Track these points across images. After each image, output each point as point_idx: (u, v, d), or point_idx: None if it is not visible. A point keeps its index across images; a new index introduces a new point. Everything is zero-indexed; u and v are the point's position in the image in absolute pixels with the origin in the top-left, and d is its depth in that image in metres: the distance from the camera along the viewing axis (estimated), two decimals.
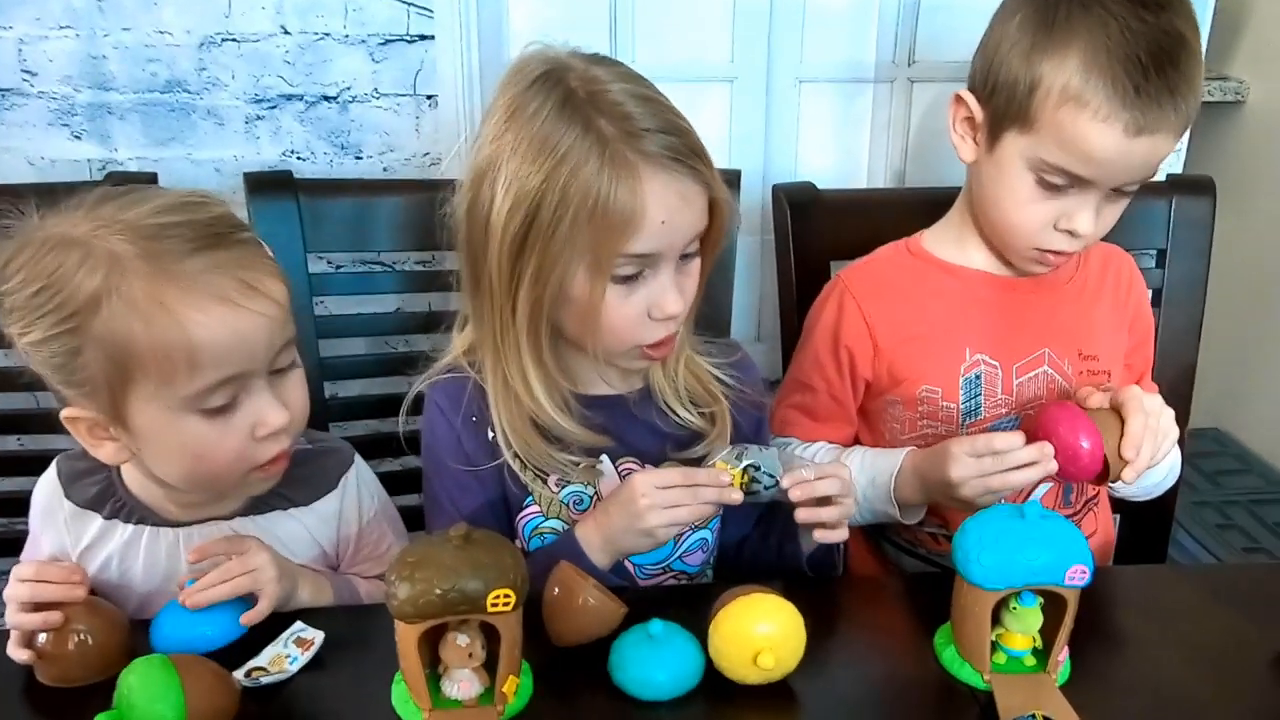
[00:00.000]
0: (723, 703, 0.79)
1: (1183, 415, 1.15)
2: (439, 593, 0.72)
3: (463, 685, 0.77)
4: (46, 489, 0.94)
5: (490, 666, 0.77)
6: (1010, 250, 1.04)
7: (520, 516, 1.01)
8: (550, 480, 0.99)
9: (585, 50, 0.92)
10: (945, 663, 0.83)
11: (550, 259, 0.88)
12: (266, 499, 0.93)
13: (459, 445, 0.98)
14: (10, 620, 0.82)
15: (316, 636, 0.84)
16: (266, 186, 1.22)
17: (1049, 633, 0.80)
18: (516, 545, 1.01)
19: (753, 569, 1.07)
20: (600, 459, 0.99)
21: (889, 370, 1.10)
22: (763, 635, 0.78)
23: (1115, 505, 1.20)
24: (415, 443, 1.03)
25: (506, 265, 0.90)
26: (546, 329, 0.93)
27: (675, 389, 1.01)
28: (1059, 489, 1.09)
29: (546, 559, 0.88)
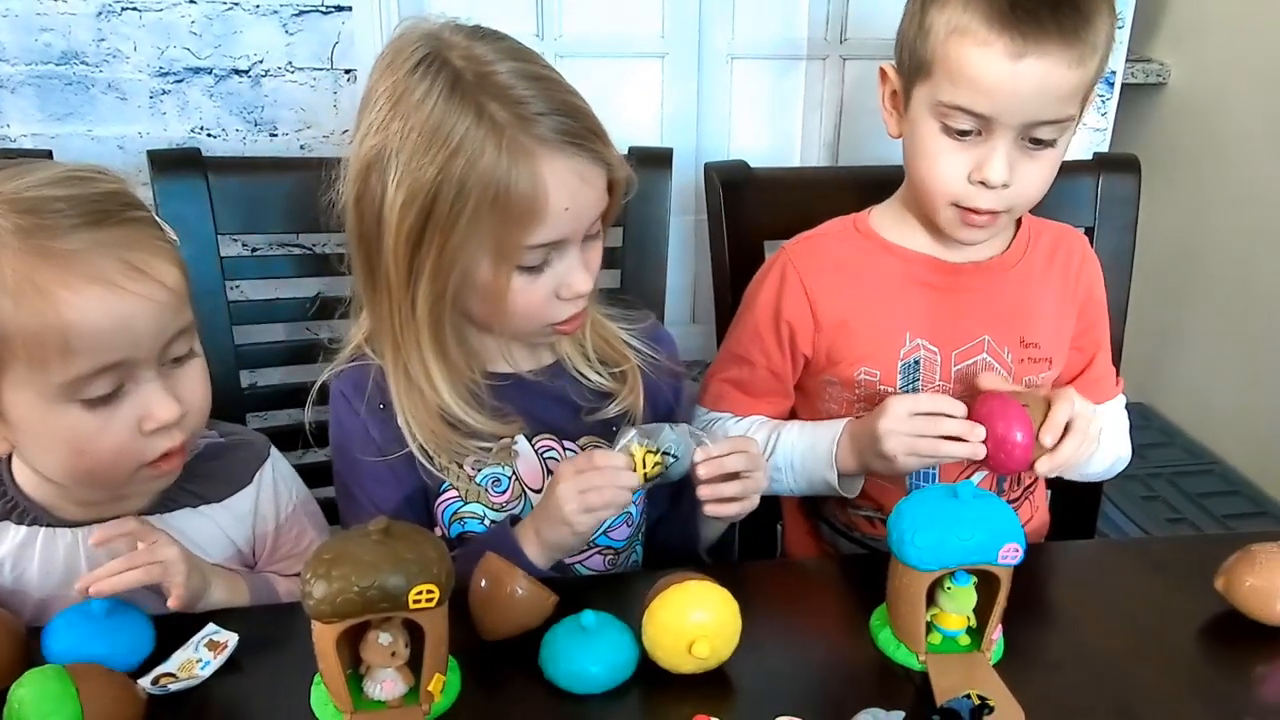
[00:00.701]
0: (658, 693, 0.78)
1: None
2: (358, 590, 0.68)
3: (386, 685, 0.74)
4: None
5: (415, 664, 0.74)
6: (936, 216, 1.02)
7: (438, 502, 0.98)
8: (466, 463, 0.97)
9: (465, 22, 0.89)
10: (881, 644, 0.82)
11: (450, 253, 0.85)
12: (174, 496, 0.88)
13: (368, 435, 0.95)
14: None
15: (230, 639, 0.80)
16: (172, 165, 1.16)
17: (983, 611, 0.80)
18: (437, 533, 0.98)
19: (664, 548, 1.06)
20: (515, 439, 0.97)
21: (828, 350, 1.08)
22: (697, 624, 0.77)
23: (1048, 482, 1.20)
24: (324, 436, 0.99)
25: (403, 260, 0.87)
26: (449, 320, 0.91)
27: (584, 353, 1.00)
28: (994, 476, 1.09)
29: (467, 561, 0.85)
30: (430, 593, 0.70)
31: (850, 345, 1.07)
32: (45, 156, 1.21)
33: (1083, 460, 0.95)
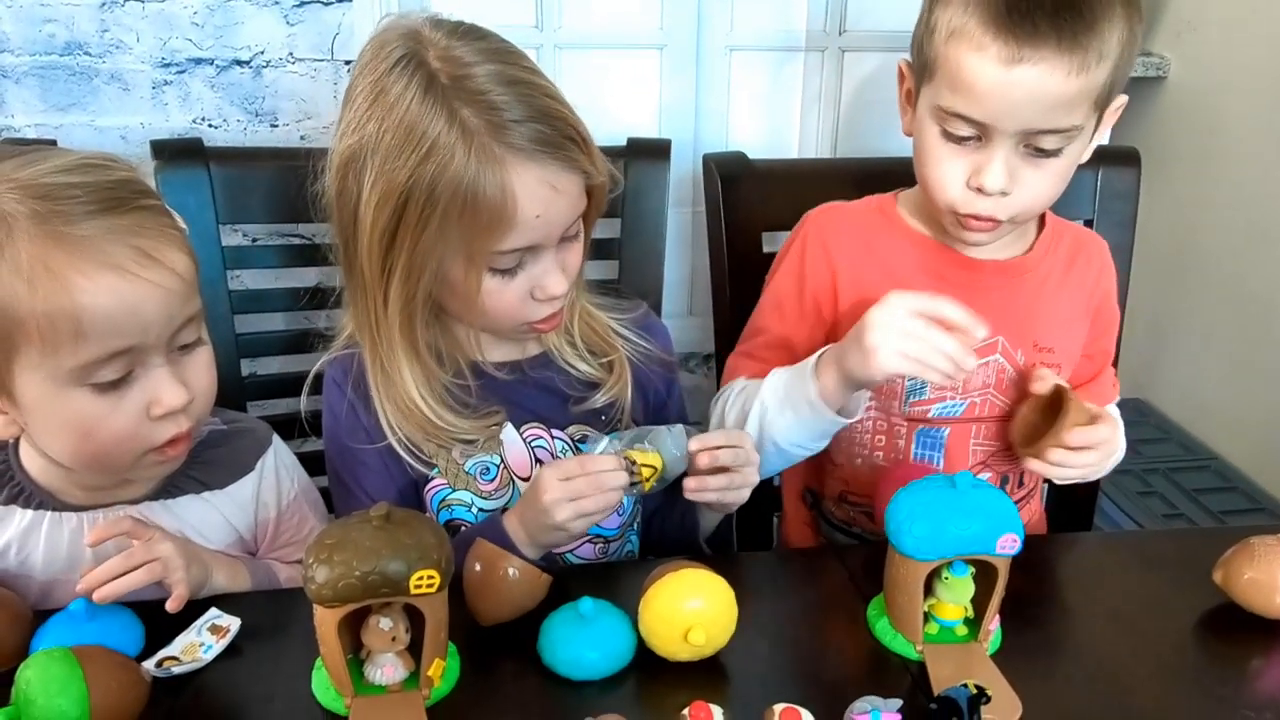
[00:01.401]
0: (654, 680, 0.78)
1: None
2: (359, 575, 0.69)
3: (386, 670, 0.75)
4: None
5: (415, 650, 0.75)
6: (940, 218, 1.02)
7: (427, 489, 0.98)
8: (454, 451, 0.97)
9: (449, 18, 0.89)
10: (878, 634, 0.83)
11: (421, 255, 0.86)
12: (178, 482, 0.89)
13: (358, 422, 0.95)
14: None
15: (232, 623, 0.81)
16: (175, 155, 1.16)
17: (980, 602, 0.80)
18: None
19: (661, 540, 1.06)
20: (502, 426, 0.97)
21: (842, 322, 1.06)
22: (693, 611, 0.77)
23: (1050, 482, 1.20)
24: (317, 424, 1.00)
25: (377, 259, 0.88)
26: (422, 318, 0.91)
27: (572, 343, 1.00)
28: (996, 480, 1.09)
29: (460, 550, 0.85)
30: (431, 578, 0.70)
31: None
32: (49, 145, 1.21)
33: (1077, 478, 0.98)
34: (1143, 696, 0.78)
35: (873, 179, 1.22)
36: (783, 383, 0.97)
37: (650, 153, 1.23)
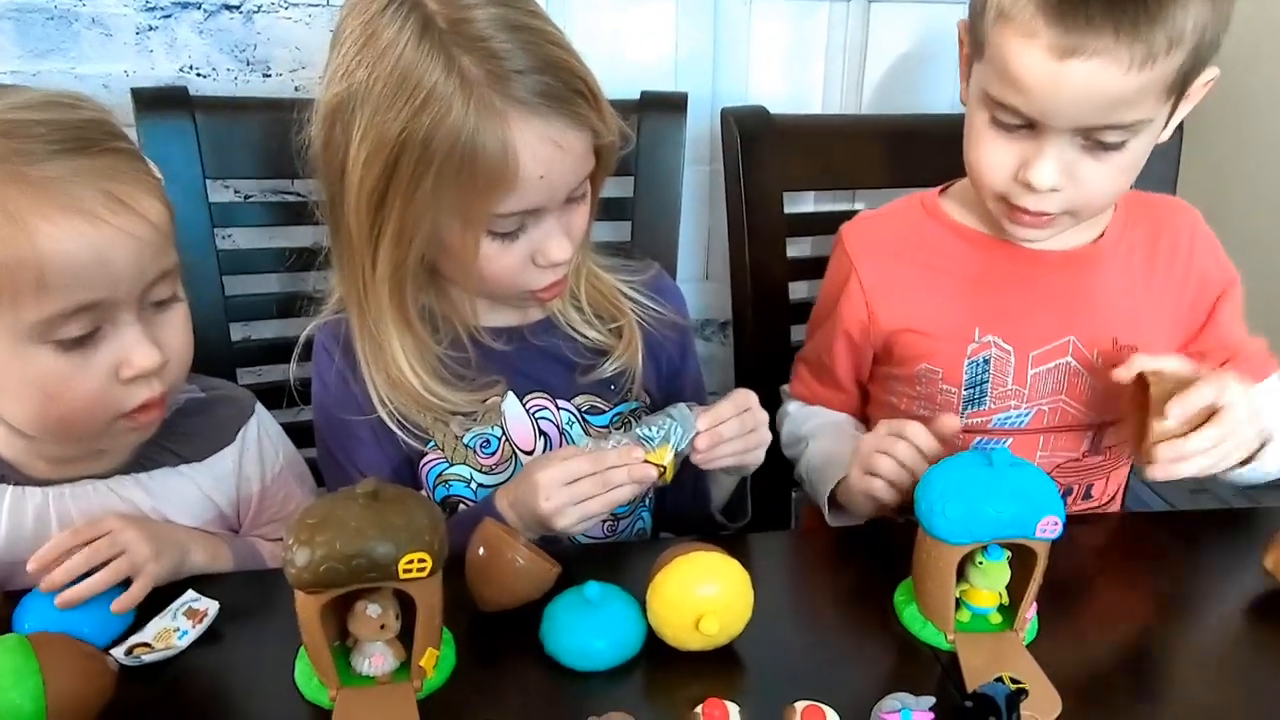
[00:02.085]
0: (664, 672, 0.73)
1: None
2: (343, 559, 0.63)
3: (375, 660, 0.70)
4: None
5: (407, 637, 0.69)
6: (990, 206, 0.92)
7: (422, 464, 0.93)
8: (452, 423, 0.91)
9: None
10: (906, 622, 0.77)
11: (413, 216, 0.80)
12: (152, 454, 0.83)
13: (348, 390, 0.90)
14: None
15: (210, 607, 0.76)
16: (158, 104, 1.10)
17: (1016, 588, 0.75)
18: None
19: (675, 513, 1.02)
20: (504, 397, 0.92)
21: (887, 344, 1.00)
22: (706, 598, 0.72)
23: None
24: (308, 393, 0.95)
25: (365, 219, 0.81)
26: (414, 284, 0.86)
27: (579, 307, 0.94)
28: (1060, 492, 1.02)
29: (462, 528, 0.80)
30: (422, 562, 0.65)
31: (911, 340, 0.98)
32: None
33: (1226, 462, 0.82)
34: (1192, 691, 0.73)
35: (900, 137, 1.16)
36: (815, 471, 0.98)
37: (665, 106, 1.17)
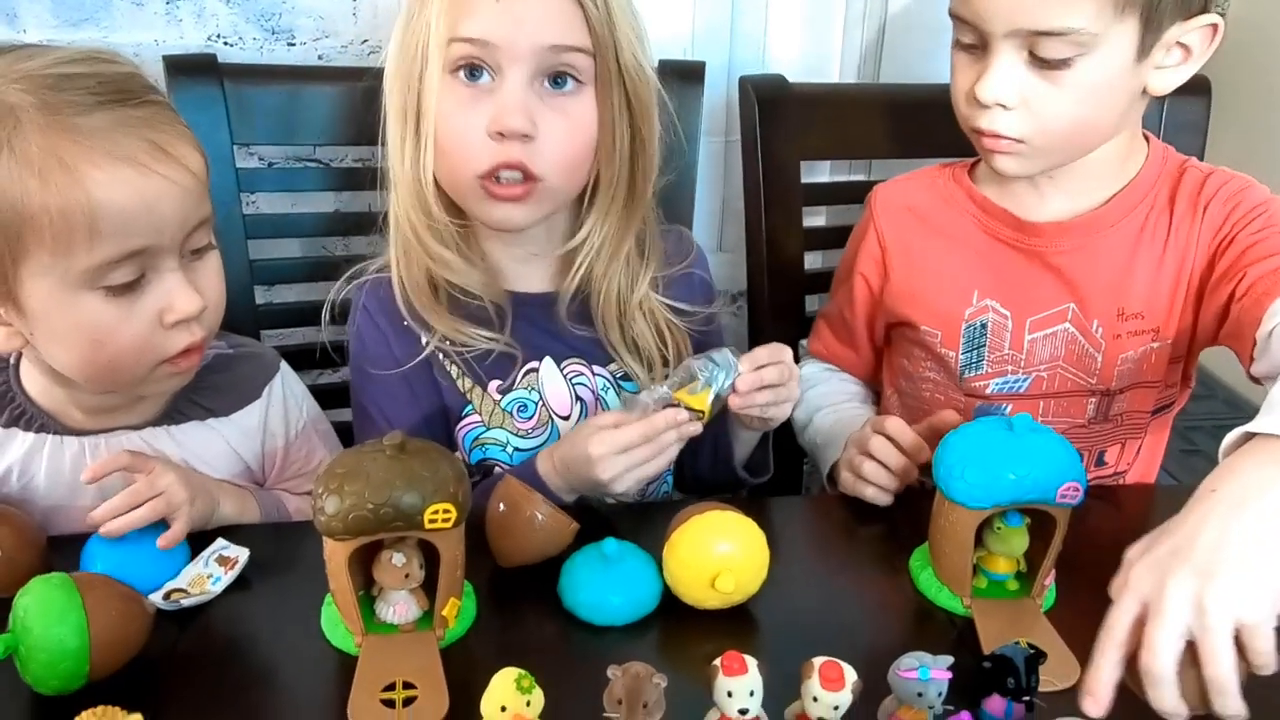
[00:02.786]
0: (680, 628, 0.74)
1: None
2: (371, 507, 0.65)
3: (399, 608, 0.71)
4: None
5: (430, 588, 0.71)
6: (972, 141, 0.93)
7: (460, 427, 0.94)
8: (490, 386, 0.93)
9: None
10: (921, 586, 0.78)
11: (407, 48, 0.85)
12: (182, 408, 0.85)
13: (388, 351, 0.91)
14: None
15: (240, 554, 0.77)
16: (188, 70, 1.11)
17: (1034, 555, 0.75)
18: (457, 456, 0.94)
19: (694, 471, 1.02)
20: (540, 362, 0.93)
21: (896, 302, 1.01)
22: (722, 556, 0.73)
23: None
24: (341, 351, 0.96)
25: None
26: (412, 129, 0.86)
27: (623, 338, 0.95)
28: (1092, 457, 1.02)
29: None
30: (447, 512, 0.66)
31: (916, 299, 1.00)
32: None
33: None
34: None
35: (918, 107, 1.16)
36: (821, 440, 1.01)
37: (683, 75, 1.17)
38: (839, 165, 1.38)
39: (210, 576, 0.76)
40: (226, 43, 1.30)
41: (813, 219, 1.24)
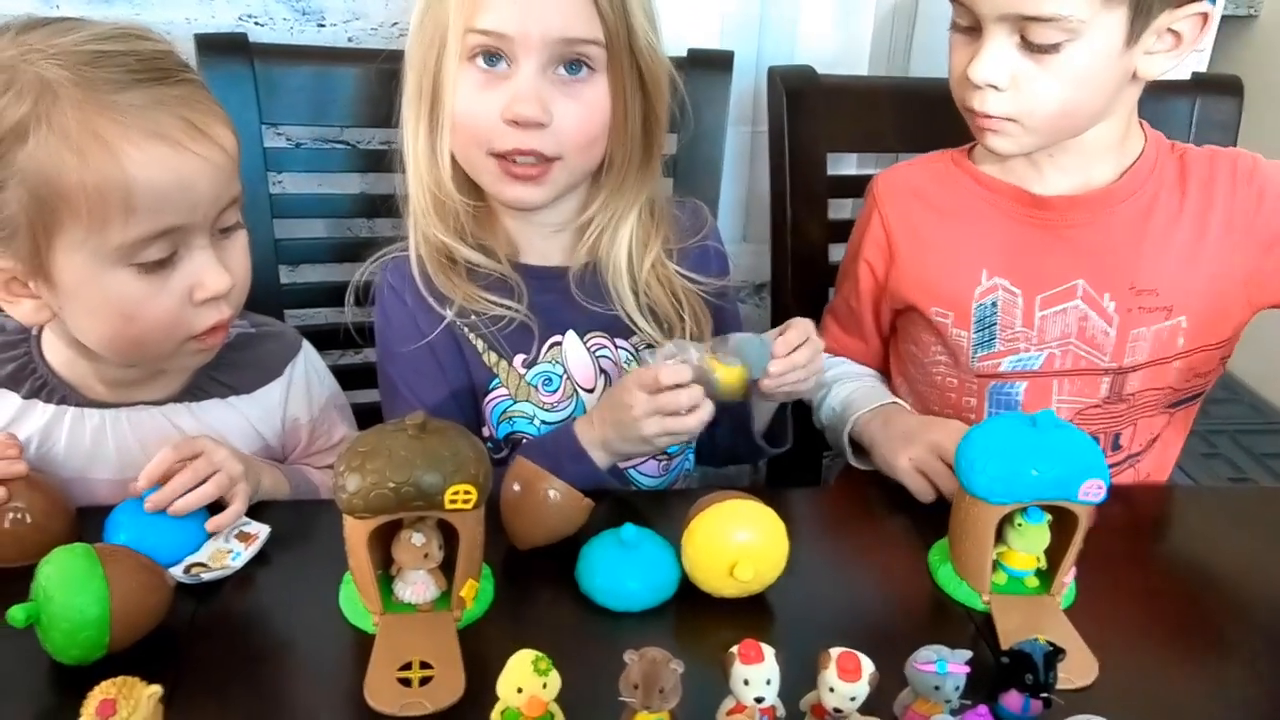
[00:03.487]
0: (697, 616, 0.74)
1: None
2: (392, 486, 0.65)
3: (417, 588, 0.71)
4: None
5: (448, 568, 0.71)
6: (967, 122, 0.95)
7: (487, 401, 0.95)
8: (516, 360, 0.93)
9: None
10: (940, 581, 0.77)
11: (425, 34, 0.86)
12: (204, 385, 0.86)
13: (415, 327, 0.92)
14: None
15: (261, 530, 0.78)
16: (219, 49, 1.12)
17: (1055, 552, 0.75)
18: (485, 433, 0.95)
19: (713, 449, 1.03)
20: (563, 336, 0.94)
21: (904, 286, 1.01)
22: (740, 545, 0.72)
23: None
24: (364, 333, 0.97)
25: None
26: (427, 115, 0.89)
27: (639, 304, 0.95)
28: (1108, 440, 1.02)
29: (542, 452, 0.83)
30: (467, 493, 0.66)
31: (925, 282, 1.00)
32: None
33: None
34: (1228, 663, 0.72)
35: (945, 101, 1.14)
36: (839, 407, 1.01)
37: (711, 64, 1.17)
38: (865, 158, 1.37)
39: (230, 552, 0.76)
40: (258, 22, 1.31)
41: (838, 211, 1.23)
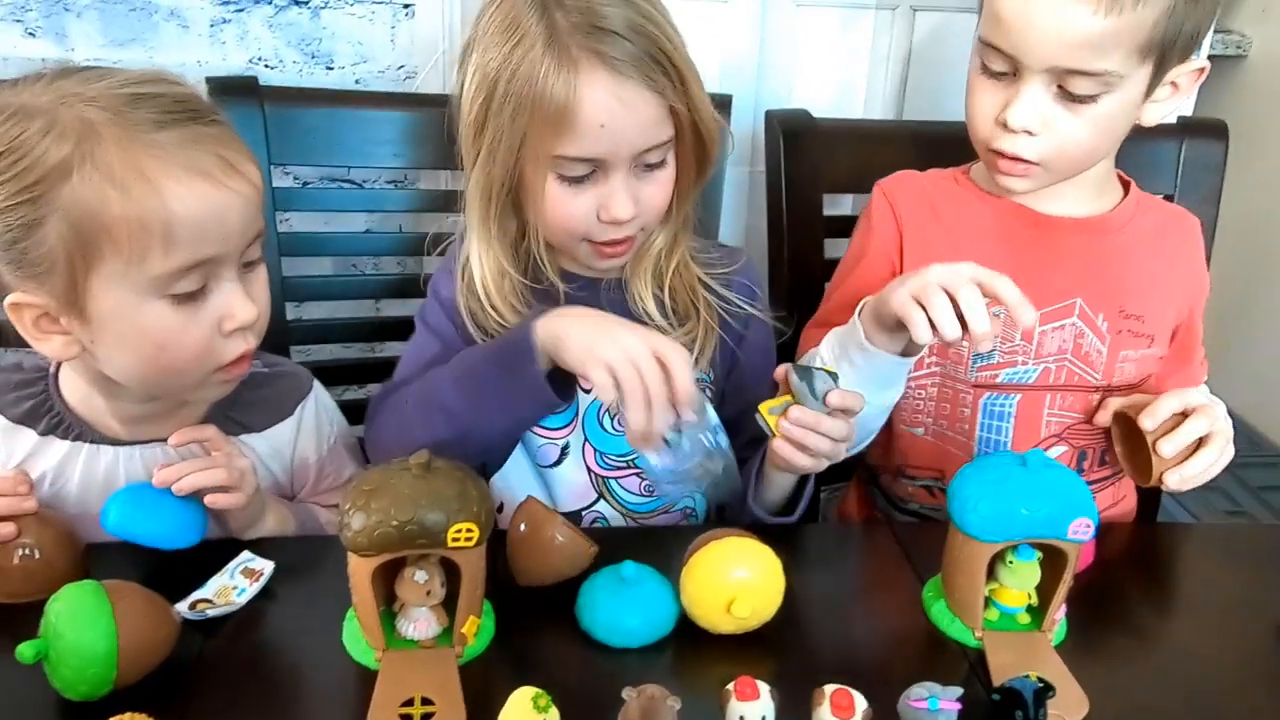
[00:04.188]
0: (695, 652, 0.75)
1: None
2: (396, 524, 0.66)
3: (419, 624, 0.73)
4: None
5: (450, 605, 0.72)
6: (984, 161, 0.98)
7: None
8: None
9: None
10: (934, 617, 0.79)
11: (496, 143, 0.87)
12: (217, 423, 0.87)
13: (455, 307, 0.95)
14: None
15: (266, 566, 0.79)
16: (230, 91, 1.15)
17: (1046, 589, 0.76)
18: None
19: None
20: None
21: None
22: (738, 582, 0.74)
23: None
24: (370, 370, 0.98)
25: (469, 145, 0.90)
26: (495, 210, 0.92)
27: (661, 300, 0.97)
28: (1073, 455, 1.03)
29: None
30: (470, 532, 0.68)
31: None
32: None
33: (1215, 471, 0.91)
34: (1220, 697, 0.73)
35: (940, 142, 1.17)
36: (837, 338, 0.92)
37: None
38: (860, 199, 1.39)
39: (235, 588, 0.77)
40: (268, 65, 1.34)
41: (834, 250, 1.25)
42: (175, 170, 0.72)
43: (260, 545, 0.82)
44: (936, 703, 0.61)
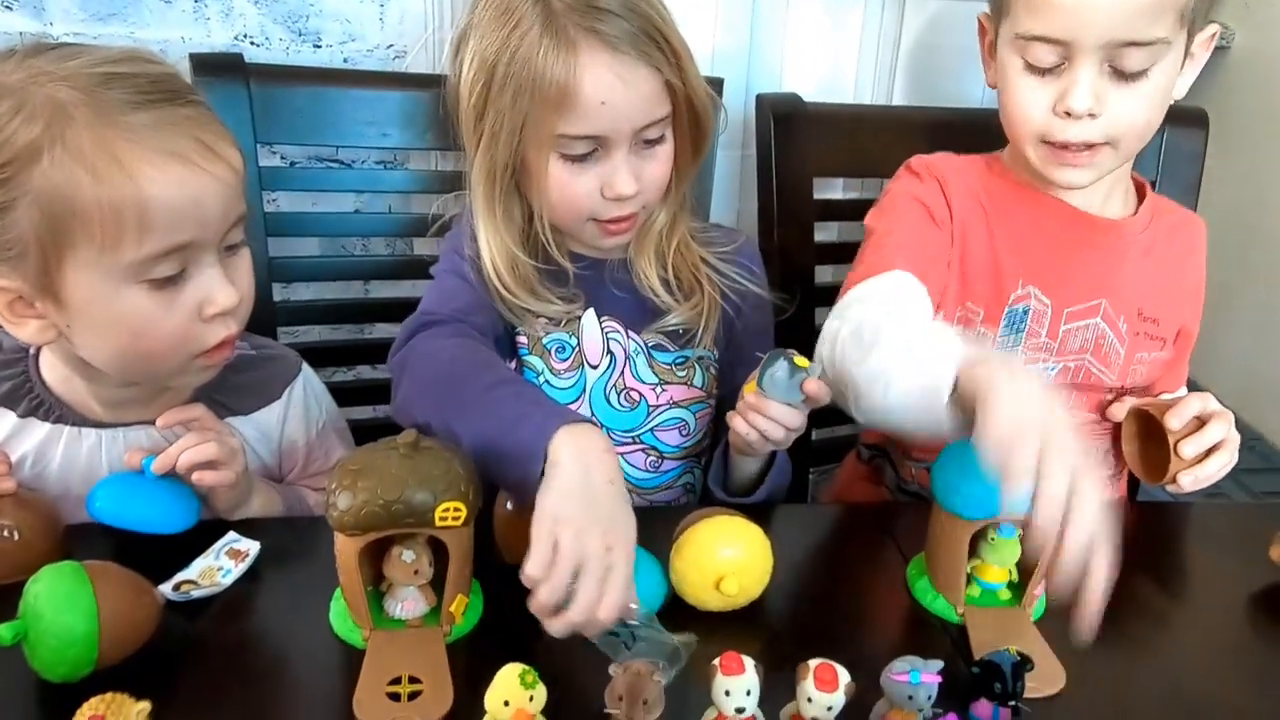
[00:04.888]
0: (684, 629, 0.74)
1: None
2: (383, 504, 0.66)
3: (407, 604, 0.73)
4: None
5: (438, 584, 0.73)
6: (1031, 156, 0.95)
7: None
8: (537, 323, 0.97)
9: None
10: (917, 594, 0.80)
11: (497, 128, 0.88)
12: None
13: (478, 267, 0.95)
14: None
15: (251, 547, 0.79)
16: (215, 69, 1.13)
17: (1025, 566, 0.77)
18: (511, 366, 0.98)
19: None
20: (585, 311, 0.98)
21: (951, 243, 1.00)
22: (726, 560, 0.75)
23: None
24: (359, 352, 0.97)
25: (471, 134, 0.92)
26: (499, 194, 0.93)
27: (665, 279, 0.98)
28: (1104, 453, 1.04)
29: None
30: (457, 511, 0.68)
31: (965, 274, 1.00)
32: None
33: (1221, 476, 0.93)
34: (1193, 672, 0.75)
35: (931, 128, 1.17)
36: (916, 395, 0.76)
37: None
38: (851, 183, 1.40)
39: (220, 569, 0.77)
40: (253, 42, 1.32)
41: (824, 234, 1.26)
42: (149, 154, 0.71)
43: (246, 525, 0.81)
44: (918, 676, 0.62)
